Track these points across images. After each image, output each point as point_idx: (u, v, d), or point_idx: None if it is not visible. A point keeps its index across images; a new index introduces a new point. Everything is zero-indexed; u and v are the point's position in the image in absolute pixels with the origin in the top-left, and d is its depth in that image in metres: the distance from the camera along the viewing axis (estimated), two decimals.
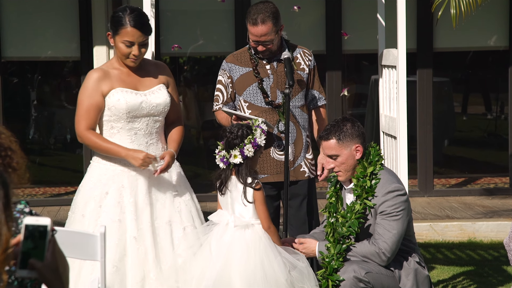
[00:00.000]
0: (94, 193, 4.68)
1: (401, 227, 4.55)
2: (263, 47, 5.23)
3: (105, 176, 4.70)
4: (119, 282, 4.54)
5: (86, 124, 4.68)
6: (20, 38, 9.27)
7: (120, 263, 4.56)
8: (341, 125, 4.66)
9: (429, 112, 9.51)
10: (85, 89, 4.71)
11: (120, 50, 4.70)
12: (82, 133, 4.70)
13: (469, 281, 6.50)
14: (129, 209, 4.64)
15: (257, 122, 4.66)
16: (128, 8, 4.76)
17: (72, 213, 4.77)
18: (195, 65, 10.44)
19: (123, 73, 4.76)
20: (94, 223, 4.61)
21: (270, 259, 4.44)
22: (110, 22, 4.76)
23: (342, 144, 4.64)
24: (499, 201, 9.25)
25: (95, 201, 4.66)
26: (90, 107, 4.68)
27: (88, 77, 4.72)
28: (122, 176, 4.70)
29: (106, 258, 4.28)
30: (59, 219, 8.44)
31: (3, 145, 2.62)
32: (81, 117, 4.70)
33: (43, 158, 10.23)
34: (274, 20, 5.18)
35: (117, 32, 4.69)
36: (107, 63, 4.85)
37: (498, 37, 9.65)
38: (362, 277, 4.45)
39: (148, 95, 4.76)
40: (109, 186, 4.67)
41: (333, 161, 4.68)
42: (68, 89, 10.22)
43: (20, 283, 2.52)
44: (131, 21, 4.67)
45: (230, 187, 4.60)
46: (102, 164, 4.74)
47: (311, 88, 5.46)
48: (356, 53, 9.87)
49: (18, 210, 2.58)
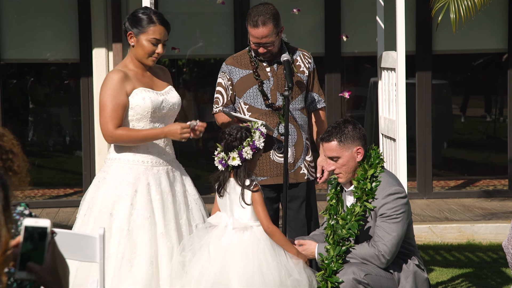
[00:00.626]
0: (123, 193, 4.68)
1: (401, 230, 4.56)
2: (264, 49, 5.24)
3: (130, 175, 4.71)
4: (155, 277, 4.58)
5: (114, 124, 4.68)
6: (19, 40, 9.27)
7: (154, 259, 4.61)
8: (343, 127, 4.66)
9: (428, 114, 9.51)
10: (109, 90, 4.69)
11: (145, 48, 4.74)
12: (112, 133, 4.69)
13: (468, 283, 6.51)
14: (157, 206, 4.69)
15: (256, 125, 4.66)
16: (147, 8, 4.86)
17: (89, 211, 4.72)
18: (194, 68, 10.44)
19: (138, 73, 4.81)
20: (127, 221, 4.62)
21: (268, 262, 4.44)
22: (132, 21, 4.77)
23: (343, 146, 4.64)
24: (498, 203, 9.25)
25: (125, 200, 4.67)
26: (117, 107, 4.68)
27: (110, 78, 4.72)
28: (147, 175, 4.73)
29: (144, 253, 4.44)
30: (58, 221, 8.44)
31: (5, 148, 2.62)
32: (108, 118, 4.68)
33: (42, 160, 10.23)
34: (275, 22, 5.19)
35: (144, 30, 4.73)
36: (121, 65, 4.86)
37: (497, 40, 9.66)
38: (361, 279, 4.45)
39: (165, 94, 4.83)
40: (137, 185, 4.70)
41: (333, 163, 4.68)
42: (67, 91, 10.22)
43: (19, 285, 2.52)
44: (158, 19, 4.76)
45: (229, 189, 4.60)
46: (124, 163, 4.74)
47: (311, 91, 5.46)
48: (355, 56, 9.88)
49: (17, 212, 2.59)
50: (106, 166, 4.81)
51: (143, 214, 4.64)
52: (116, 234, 4.62)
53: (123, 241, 4.59)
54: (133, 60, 4.81)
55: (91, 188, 4.82)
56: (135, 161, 4.74)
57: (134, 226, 4.62)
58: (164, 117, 4.83)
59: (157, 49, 4.75)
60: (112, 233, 4.62)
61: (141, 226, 4.62)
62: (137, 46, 4.76)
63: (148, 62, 4.79)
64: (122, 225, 4.62)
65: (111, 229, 4.62)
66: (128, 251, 4.57)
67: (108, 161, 4.81)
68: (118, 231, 4.62)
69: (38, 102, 10.29)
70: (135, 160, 4.75)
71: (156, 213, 4.68)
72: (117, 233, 4.62)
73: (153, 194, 4.71)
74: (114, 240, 4.60)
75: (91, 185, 4.86)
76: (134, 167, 4.74)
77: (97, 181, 4.79)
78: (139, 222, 4.63)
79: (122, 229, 4.61)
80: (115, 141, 4.73)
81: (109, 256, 4.56)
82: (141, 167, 4.74)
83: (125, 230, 4.60)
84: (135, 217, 4.63)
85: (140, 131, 4.72)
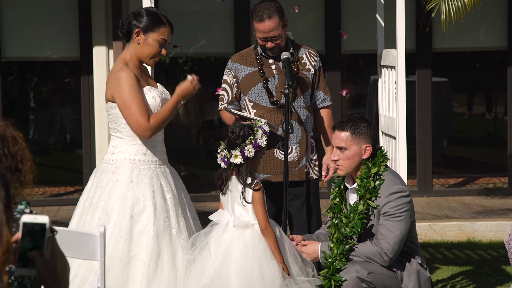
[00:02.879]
0: (140, 194, 4.61)
1: (404, 228, 4.56)
2: (272, 43, 5.24)
3: (145, 176, 4.65)
4: (174, 276, 4.56)
5: (146, 117, 4.58)
6: (19, 38, 9.27)
7: (174, 258, 4.60)
8: (359, 122, 4.68)
9: (428, 112, 9.52)
10: (128, 88, 4.58)
11: (152, 48, 4.69)
12: (148, 126, 4.59)
13: (468, 281, 6.51)
14: (170, 205, 4.67)
15: (260, 123, 4.67)
16: (154, 8, 4.84)
17: (105, 215, 4.59)
18: (194, 65, 10.44)
19: (137, 72, 4.74)
20: (152, 223, 4.56)
21: (268, 260, 4.45)
22: (143, 19, 4.69)
23: (354, 139, 4.65)
24: (498, 201, 9.26)
25: (146, 201, 4.60)
26: (141, 100, 4.59)
27: (123, 76, 4.60)
28: (158, 174, 4.70)
29: (166, 253, 4.44)
30: (59, 218, 8.45)
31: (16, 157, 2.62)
32: (138, 114, 4.57)
33: (42, 158, 10.24)
34: (280, 14, 5.22)
35: (154, 29, 4.69)
36: (121, 63, 4.73)
37: (497, 38, 9.66)
38: (364, 277, 4.45)
39: (163, 93, 4.80)
40: (152, 185, 4.64)
41: (339, 153, 4.67)
42: (68, 89, 10.23)
43: (20, 283, 2.53)
44: (167, 21, 4.74)
45: (231, 187, 4.61)
46: (136, 163, 4.67)
47: (317, 89, 5.46)
48: (355, 53, 9.89)
49: (18, 210, 2.59)
50: (114, 167, 4.68)
51: (163, 214, 4.62)
52: (142, 236, 4.55)
53: (151, 242, 4.54)
54: (132, 58, 4.73)
55: (99, 191, 4.67)
56: (146, 161, 4.68)
57: (158, 227, 4.58)
58: None
59: (162, 50, 4.71)
60: (134, 236, 4.55)
61: (163, 226, 4.60)
62: (144, 44, 4.70)
63: (150, 62, 4.76)
64: (147, 227, 4.56)
65: (133, 232, 4.56)
66: (155, 252, 4.54)
67: (116, 162, 4.68)
68: (143, 233, 4.56)
69: (38, 100, 10.30)
70: (146, 160, 4.68)
71: (170, 212, 4.66)
72: (143, 235, 4.55)
73: (165, 193, 4.68)
74: (141, 242, 4.54)
75: (97, 188, 4.70)
76: (146, 167, 4.67)
77: (106, 183, 4.66)
78: (161, 222, 4.59)
79: (148, 231, 4.55)
80: (154, 132, 4.62)
81: (136, 258, 4.52)
82: (152, 167, 4.69)
83: (151, 231, 4.55)
84: (158, 218, 4.59)
85: (164, 110, 4.63)
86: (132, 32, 4.72)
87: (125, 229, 4.55)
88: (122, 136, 4.71)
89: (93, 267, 4.50)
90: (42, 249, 2.33)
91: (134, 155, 4.68)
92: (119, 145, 4.72)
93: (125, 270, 4.51)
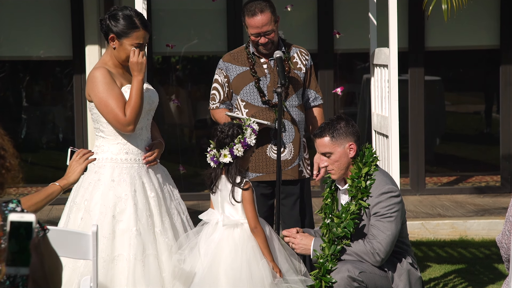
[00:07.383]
0: (122, 193, 4.60)
1: (395, 228, 4.56)
2: (265, 38, 5.25)
3: (126, 175, 4.64)
4: (159, 276, 4.54)
5: (123, 111, 4.57)
6: (12, 37, 9.26)
7: (158, 257, 4.58)
8: (335, 123, 4.67)
9: (421, 110, 9.53)
10: (103, 84, 4.58)
11: (127, 52, 4.66)
12: (126, 120, 4.58)
13: (461, 279, 6.52)
14: (153, 204, 4.65)
15: (248, 122, 4.66)
16: (129, 9, 4.75)
17: (87, 215, 4.58)
18: (187, 65, 10.43)
19: (119, 72, 4.73)
20: (134, 222, 4.55)
21: (257, 259, 4.45)
22: (114, 24, 4.68)
23: (335, 142, 4.65)
24: (490, 199, 9.28)
25: (127, 200, 4.59)
26: (117, 96, 4.58)
27: (96, 75, 4.60)
28: (140, 173, 4.68)
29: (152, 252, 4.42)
30: (52, 218, 8.44)
31: None
32: (116, 110, 4.56)
33: (35, 157, 10.22)
34: (272, 9, 5.24)
35: (128, 35, 4.66)
36: (100, 63, 4.75)
37: (489, 36, 9.68)
38: (356, 277, 4.45)
39: (146, 91, 4.77)
40: (134, 184, 4.63)
41: (326, 159, 4.68)
42: (61, 88, 10.21)
43: (11, 282, 2.52)
44: (142, 23, 4.68)
45: (220, 186, 4.61)
46: (118, 163, 4.66)
47: (308, 88, 5.47)
48: (348, 52, 9.89)
49: (9, 209, 2.58)
50: (97, 166, 4.68)
51: (145, 213, 4.60)
52: (125, 235, 4.54)
53: (134, 242, 4.52)
54: (112, 59, 4.72)
55: (82, 191, 4.67)
56: (128, 160, 4.68)
57: (141, 226, 4.57)
58: (148, 112, 4.78)
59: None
60: (117, 235, 4.54)
61: (146, 225, 4.58)
62: (119, 49, 4.68)
63: (127, 64, 4.72)
64: (130, 226, 4.55)
65: (115, 231, 4.55)
66: (139, 251, 4.52)
67: (98, 161, 4.67)
68: (126, 233, 4.54)
69: (31, 99, 10.28)
70: (128, 159, 4.68)
71: (153, 210, 4.65)
72: (125, 234, 4.54)
73: (148, 192, 4.67)
74: (124, 241, 4.53)
75: (80, 188, 4.69)
76: (128, 166, 4.67)
77: (88, 183, 4.65)
78: (144, 221, 4.58)
79: (130, 230, 4.54)
80: (135, 123, 4.60)
81: (121, 257, 4.50)
82: (134, 166, 4.68)
83: (134, 230, 4.54)
84: (140, 217, 4.58)
85: (132, 97, 4.59)
86: (108, 36, 4.72)
87: (107, 229, 4.53)
88: (104, 136, 4.71)
89: (78, 268, 4.49)
90: (29, 248, 2.32)
91: (116, 154, 4.67)
92: (101, 145, 4.72)
93: (109, 269, 4.49)
